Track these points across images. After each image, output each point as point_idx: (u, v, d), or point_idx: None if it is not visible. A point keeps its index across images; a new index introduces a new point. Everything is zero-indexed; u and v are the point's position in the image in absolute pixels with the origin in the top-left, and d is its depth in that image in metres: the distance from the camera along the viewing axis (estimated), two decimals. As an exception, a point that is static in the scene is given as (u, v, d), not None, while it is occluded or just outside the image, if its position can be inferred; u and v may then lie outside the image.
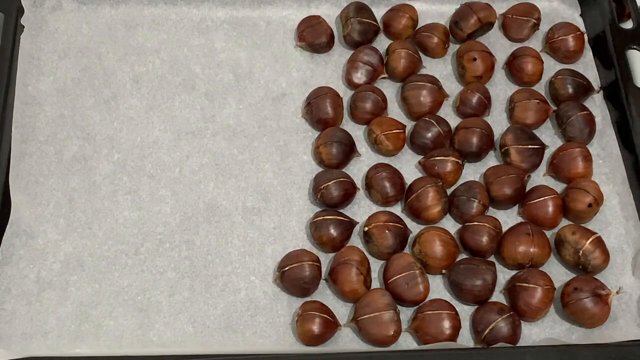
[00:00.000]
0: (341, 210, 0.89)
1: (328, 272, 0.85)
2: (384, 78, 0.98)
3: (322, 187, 0.88)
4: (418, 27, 1.01)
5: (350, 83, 0.97)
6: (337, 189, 0.88)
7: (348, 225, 0.87)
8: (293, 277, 0.83)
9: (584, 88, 0.96)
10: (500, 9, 1.02)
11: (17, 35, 0.96)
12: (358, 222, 0.88)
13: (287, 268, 0.84)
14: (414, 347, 0.82)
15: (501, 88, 0.98)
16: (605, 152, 0.94)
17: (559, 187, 0.91)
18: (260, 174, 0.92)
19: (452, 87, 0.98)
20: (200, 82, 0.97)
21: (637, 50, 0.98)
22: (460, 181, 0.91)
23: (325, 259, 0.87)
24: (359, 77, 0.97)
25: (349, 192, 0.89)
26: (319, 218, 0.87)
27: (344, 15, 1.01)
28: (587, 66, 0.99)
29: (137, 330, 0.82)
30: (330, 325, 0.81)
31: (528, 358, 0.77)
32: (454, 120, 0.95)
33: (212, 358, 0.79)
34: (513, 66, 0.98)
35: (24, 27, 0.97)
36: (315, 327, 0.81)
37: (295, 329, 0.82)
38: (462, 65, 0.97)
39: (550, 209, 0.88)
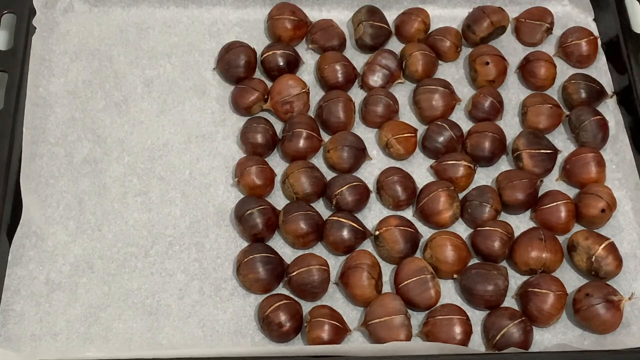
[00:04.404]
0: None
1: (338, 275, 0.85)
2: (399, 83, 0.98)
3: (336, 193, 0.88)
4: (430, 30, 1.01)
5: (365, 85, 0.97)
6: (351, 194, 0.88)
7: (360, 234, 0.86)
8: (301, 282, 0.83)
9: (597, 93, 0.95)
10: (513, 12, 1.02)
11: (29, 36, 0.96)
12: (372, 234, 0.87)
13: (294, 273, 0.83)
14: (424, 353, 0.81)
15: (514, 92, 0.98)
16: (618, 157, 0.93)
17: (571, 192, 0.90)
18: (270, 177, 0.91)
19: (465, 91, 0.98)
20: (211, 87, 0.97)
21: (652, 54, 0.97)
22: (472, 186, 0.91)
23: (336, 262, 0.86)
24: (375, 80, 0.96)
25: (363, 196, 0.88)
26: (333, 218, 0.86)
27: (355, 18, 1.00)
28: (601, 71, 0.99)
29: (147, 333, 0.82)
30: (340, 331, 0.81)
31: (540, 364, 0.77)
32: (466, 125, 0.95)
33: None
34: (526, 70, 0.97)
35: (35, 28, 0.97)
36: (325, 335, 0.80)
37: (305, 333, 0.82)
38: (475, 69, 0.97)
39: (563, 214, 0.87)
